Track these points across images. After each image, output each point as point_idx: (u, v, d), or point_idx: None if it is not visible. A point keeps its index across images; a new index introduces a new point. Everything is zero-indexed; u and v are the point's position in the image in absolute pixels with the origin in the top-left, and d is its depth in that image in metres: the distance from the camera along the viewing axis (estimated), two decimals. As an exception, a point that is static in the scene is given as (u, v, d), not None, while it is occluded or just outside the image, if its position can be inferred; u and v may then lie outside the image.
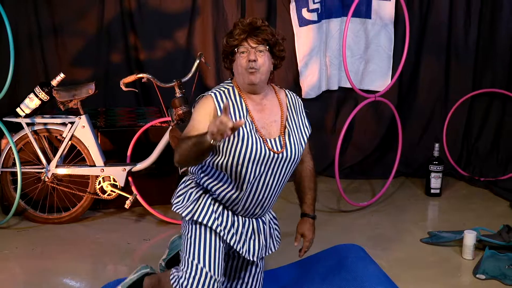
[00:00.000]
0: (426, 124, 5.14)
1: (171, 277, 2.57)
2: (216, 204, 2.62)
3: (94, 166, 3.90)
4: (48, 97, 3.82)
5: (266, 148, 2.52)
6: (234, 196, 2.57)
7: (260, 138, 2.53)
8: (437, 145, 4.61)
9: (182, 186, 2.73)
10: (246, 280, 2.79)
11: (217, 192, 2.59)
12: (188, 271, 2.51)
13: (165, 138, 3.82)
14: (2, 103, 3.89)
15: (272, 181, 2.60)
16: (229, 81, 2.66)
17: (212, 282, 2.50)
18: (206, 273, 2.50)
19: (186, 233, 2.63)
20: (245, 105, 2.57)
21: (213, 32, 4.75)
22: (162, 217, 3.97)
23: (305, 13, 4.73)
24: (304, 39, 4.75)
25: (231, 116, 2.53)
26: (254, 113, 2.58)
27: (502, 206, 4.46)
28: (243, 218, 2.66)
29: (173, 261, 3.11)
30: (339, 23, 4.82)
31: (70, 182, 3.96)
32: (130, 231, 3.87)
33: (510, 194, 4.58)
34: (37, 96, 3.80)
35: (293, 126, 2.66)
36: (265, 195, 2.61)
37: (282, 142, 2.58)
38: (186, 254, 2.57)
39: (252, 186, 2.56)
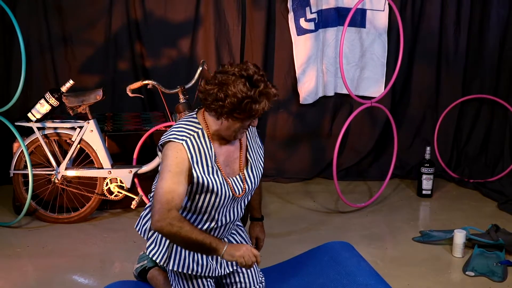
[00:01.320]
0: (418, 128, 5.14)
1: None
2: None
3: (102, 168, 3.90)
4: (58, 103, 3.83)
5: (231, 193, 2.46)
6: (204, 229, 2.49)
7: (227, 184, 2.44)
8: (428, 148, 4.61)
9: (148, 224, 2.61)
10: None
11: None
12: None
13: (170, 141, 3.83)
14: (14, 108, 3.91)
15: (238, 208, 2.57)
16: (195, 118, 2.43)
17: None
18: None
19: (174, 278, 2.60)
20: (213, 150, 2.42)
21: (215, 41, 4.76)
22: (167, 217, 3.97)
23: (302, 22, 4.74)
24: (301, 47, 4.76)
25: (201, 163, 2.37)
26: (220, 156, 2.45)
27: (490, 206, 4.46)
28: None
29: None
30: (335, 32, 4.83)
31: (79, 183, 3.97)
32: (136, 230, 3.86)
33: (498, 195, 4.58)
34: (47, 102, 3.81)
35: (253, 155, 2.57)
36: (234, 219, 2.58)
37: (242, 179, 2.50)
38: None
39: (219, 220, 2.51)
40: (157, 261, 2.53)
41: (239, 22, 4.74)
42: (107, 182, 3.93)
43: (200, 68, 3.78)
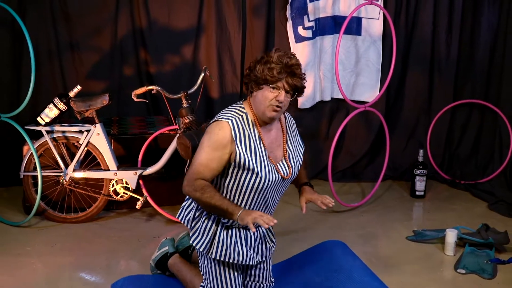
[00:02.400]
0: (411, 131, 5.16)
1: None
2: (230, 234, 2.60)
3: (108, 170, 3.92)
4: (66, 107, 3.84)
5: (278, 175, 2.55)
6: None
7: (272, 165, 2.53)
8: (421, 151, 4.63)
9: (191, 214, 2.67)
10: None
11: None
12: None
13: (173, 144, 3.85)
14: (24, 112, 3.92)
15: (277, 195, 2.65)
16: (241, 104, 2.57)
17: None
18: None
19: (207, 265, 2.66)
20: (258, 132, 2.52)
21: (216, 48, 4.78)
22: (170, 216, 3.98)
23: (301, 30, 4.76)
24: (300, 54, 4.76)
25: (246, 144, 2.47)
26: (265, 140, 2.54)
27: (481, 207, 4.48)
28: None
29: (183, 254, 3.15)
30: (332, 39, 4.85)
31: (86, 185, 3.98)
32: (141, 230, 3.89)
33: (488, 195, 4.60)
34: (56, 106, 3.82)
35: (291, 147, 2.66)
36: (271, 208, 2.66)
37: (287, 165, 2.60)
38: (209, 286, 2.66)
39: (261, 205, 2.59)
40: (201, 249, 2.61)
41: (239, 30, 4.76)
42: (113, 184, 3.94)
43: (202, 74, 3.80)
